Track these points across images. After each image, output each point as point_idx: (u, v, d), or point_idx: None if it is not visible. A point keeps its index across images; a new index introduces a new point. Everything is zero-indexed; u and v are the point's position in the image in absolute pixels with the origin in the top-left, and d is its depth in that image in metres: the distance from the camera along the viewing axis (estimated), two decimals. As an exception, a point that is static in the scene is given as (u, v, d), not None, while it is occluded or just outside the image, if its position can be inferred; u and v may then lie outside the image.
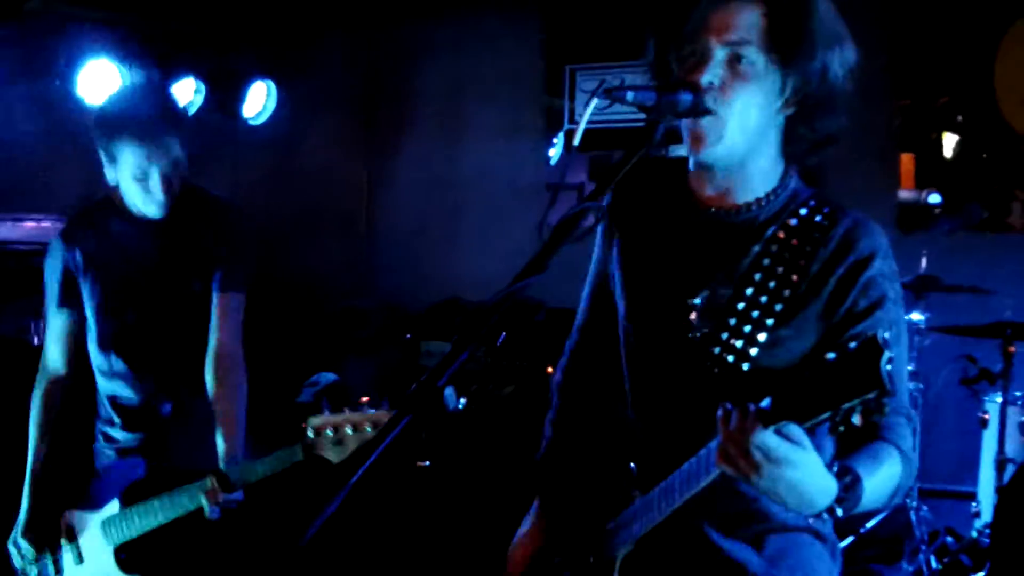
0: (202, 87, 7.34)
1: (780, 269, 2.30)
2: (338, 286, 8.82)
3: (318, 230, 8.90)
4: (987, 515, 5.87)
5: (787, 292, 2.28)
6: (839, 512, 2.00)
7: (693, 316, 2.37)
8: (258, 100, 7.77)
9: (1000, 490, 5.65)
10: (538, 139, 8.37)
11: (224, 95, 7.58)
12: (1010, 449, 5.78)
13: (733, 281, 2.34)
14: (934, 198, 7.12)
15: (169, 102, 3.82)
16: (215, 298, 3.71)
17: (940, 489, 6.50)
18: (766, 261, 2.32)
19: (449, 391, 1.73)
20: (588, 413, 2.78)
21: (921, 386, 6.21)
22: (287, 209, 8.64)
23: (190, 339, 3.74)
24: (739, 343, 2.30)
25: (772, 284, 2.30)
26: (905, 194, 7.21)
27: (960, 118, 7.10)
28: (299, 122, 8.43)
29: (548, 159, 8.34)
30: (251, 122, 7.84)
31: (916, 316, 6.17)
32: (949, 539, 6.08)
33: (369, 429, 3.06)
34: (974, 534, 5.93)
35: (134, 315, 3.76)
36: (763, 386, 1.90)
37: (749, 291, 2.31)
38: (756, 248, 2.34)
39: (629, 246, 2.57)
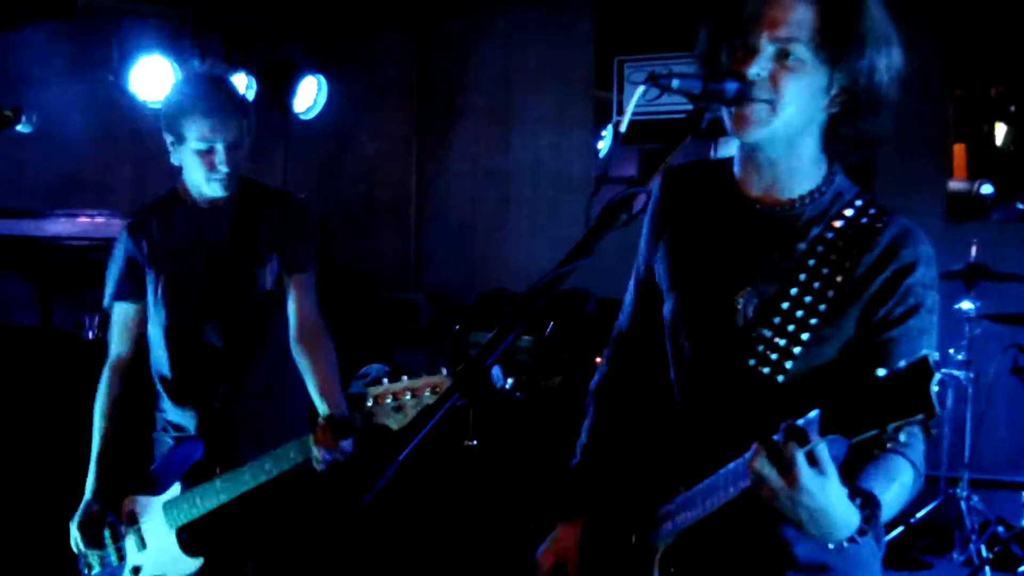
0: (253, 82, 7.42)
1: (825, 270, 2.32)
2: (388, 278, 8.89)
3: (368, 222, 8.95)
4: (1039, 505, 5.84)
5: (831, 293, 2.30)
6: (858, 541, 2.02)
7: (738, 312, 2.39)
8: (309, 94, 7.85)
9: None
10: (587, 131, 8.39)
11: (275, 90, 7.66)
12: (1062, 440, 5.76)
13: (778, 280, 2.36)
14: (986, 188, 7.08)
15: (233, 88, 3.89)
16: (287, 280, 3.80)
17: (991, 479, 6.48)
18: (811, 262, 2.34)
19: (496, 370, 1.77)
20: (628, 417, 2.75)
21: (972, 376, 6.18)
22: (338, 202, 8.71)
23: (252, 328, 3.81)
24: (783, 341, 2.31)
25: (817, 284, 2.31)
26: (957, 184, 7.17)
27: (1013, 108, 7.06)
28: (350, 115, 8.49)
29: (597, 151, 8.34)
30: (302, 116, 7.92)
31: (967, 305, 6.14)
32: (1000, 529, 6.05)
33: (428, 394, 3.08)
34: (1025, 524, 5.91)
35: (197, 304, 3.81)
36: (806, 389, 1.90)
37: (794, 291, 2.33)
38: (802, 247, 2.36)
39: (676, 242, 2.58)
